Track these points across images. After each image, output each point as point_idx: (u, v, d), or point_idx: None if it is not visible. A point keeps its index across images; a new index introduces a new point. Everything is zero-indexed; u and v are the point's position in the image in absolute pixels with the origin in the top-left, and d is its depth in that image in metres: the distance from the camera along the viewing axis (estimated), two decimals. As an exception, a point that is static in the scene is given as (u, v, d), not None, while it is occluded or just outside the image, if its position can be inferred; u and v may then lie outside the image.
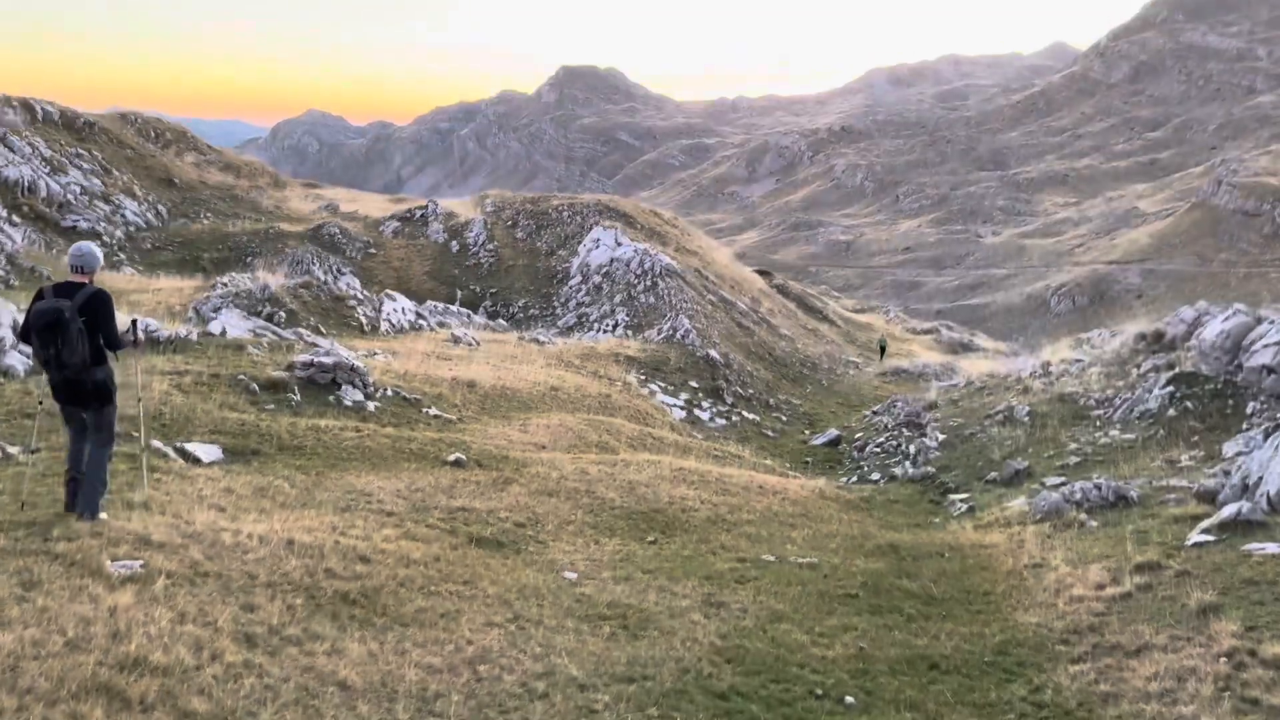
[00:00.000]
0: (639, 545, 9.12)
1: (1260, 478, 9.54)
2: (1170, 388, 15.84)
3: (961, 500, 14.75)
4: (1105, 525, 10.22)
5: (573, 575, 7.82)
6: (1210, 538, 8.40)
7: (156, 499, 7.94)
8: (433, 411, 14.92)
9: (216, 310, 21.71)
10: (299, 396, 13.82)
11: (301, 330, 19.81)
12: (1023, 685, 6.03)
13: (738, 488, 12.35)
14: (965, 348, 61.20)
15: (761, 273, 57.67)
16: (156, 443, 9.82)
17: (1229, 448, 13.08)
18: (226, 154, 60.06)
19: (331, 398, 14.19)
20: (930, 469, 17.23)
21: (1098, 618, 6.99)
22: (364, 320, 24.82)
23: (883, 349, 44.05)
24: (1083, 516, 10.70)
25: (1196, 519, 9.37)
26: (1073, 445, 15.56)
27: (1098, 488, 11.22)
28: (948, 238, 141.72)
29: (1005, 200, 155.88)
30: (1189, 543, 8.47)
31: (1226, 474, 11.92)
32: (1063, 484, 13.77)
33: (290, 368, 14.96)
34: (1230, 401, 14.90)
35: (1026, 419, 17.74)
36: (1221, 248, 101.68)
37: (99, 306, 6.74)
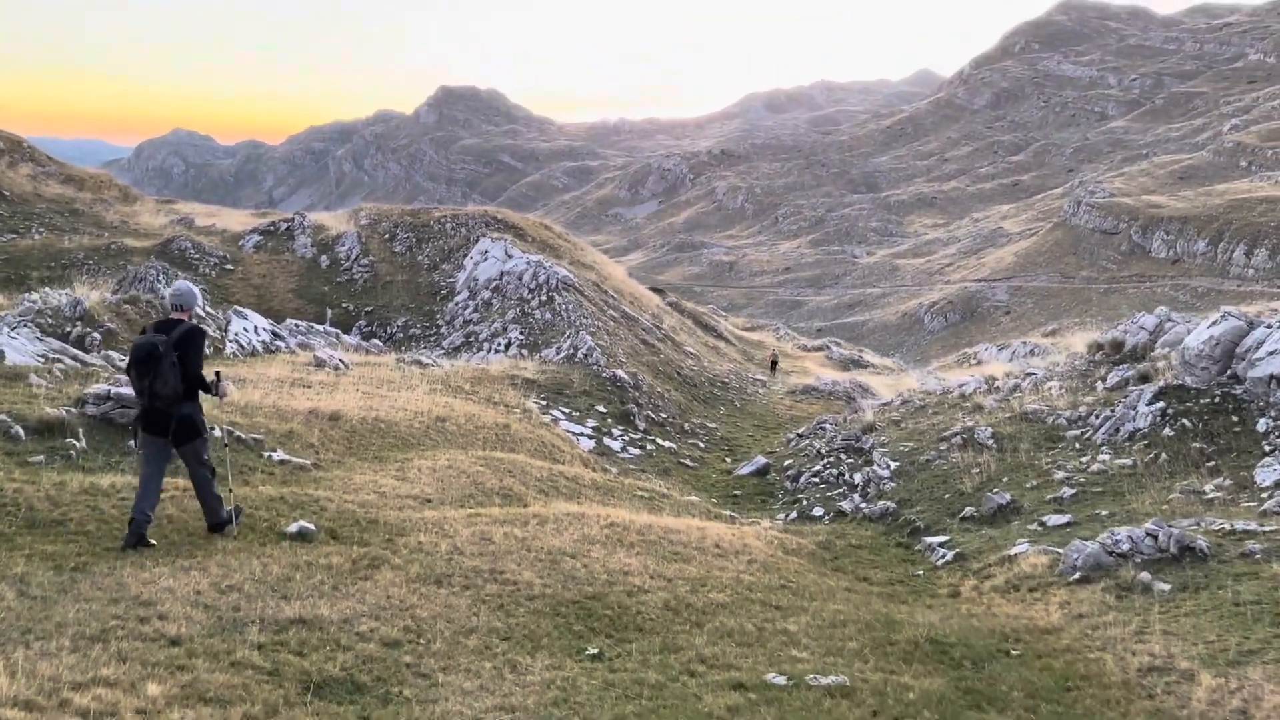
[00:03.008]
0: (578, 666, 5.99)
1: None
2: (1160, 403, 13.82)
3: (942, 545, 12.21)
4: (1185, 590, 7.73)
5: (481, 753, 4.64)
6: (1396, 620, 5.92)
7: None
8: (278, 456, 11.36)
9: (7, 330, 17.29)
10: (84, 443, 10.07)
11: (114, 354, 15.75)
12: None
13: (690, 548, 9.37)
14: (855, 364, 61.11)
15: (654, 290, 55.42)
16: None
17: (1264, 475, 10.99)
18: (69, 166, 53.73)
19: (134, 443, 10.47)
20: (888, 504, 14.70)
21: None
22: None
23: (774, 364, 42.92)
24: (1144, 576, 8.21)
25: (1326, 582, 6.96)
26: (1059, 474, 13.29)
27: (1152, 536, 8.78)
28: (825, 258, 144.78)
29: (878, 222, 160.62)
30: (1364, 627, 5.98)
31: (1284, 509, 9.74)
32: (1068, 524, 11.42)
33: (80, 403, 11.15)
34: (1234, 418, 12.94)
35: (991, 442, 15.48)
36: (1083, 265, 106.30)
37: (189, 340, 7.26)
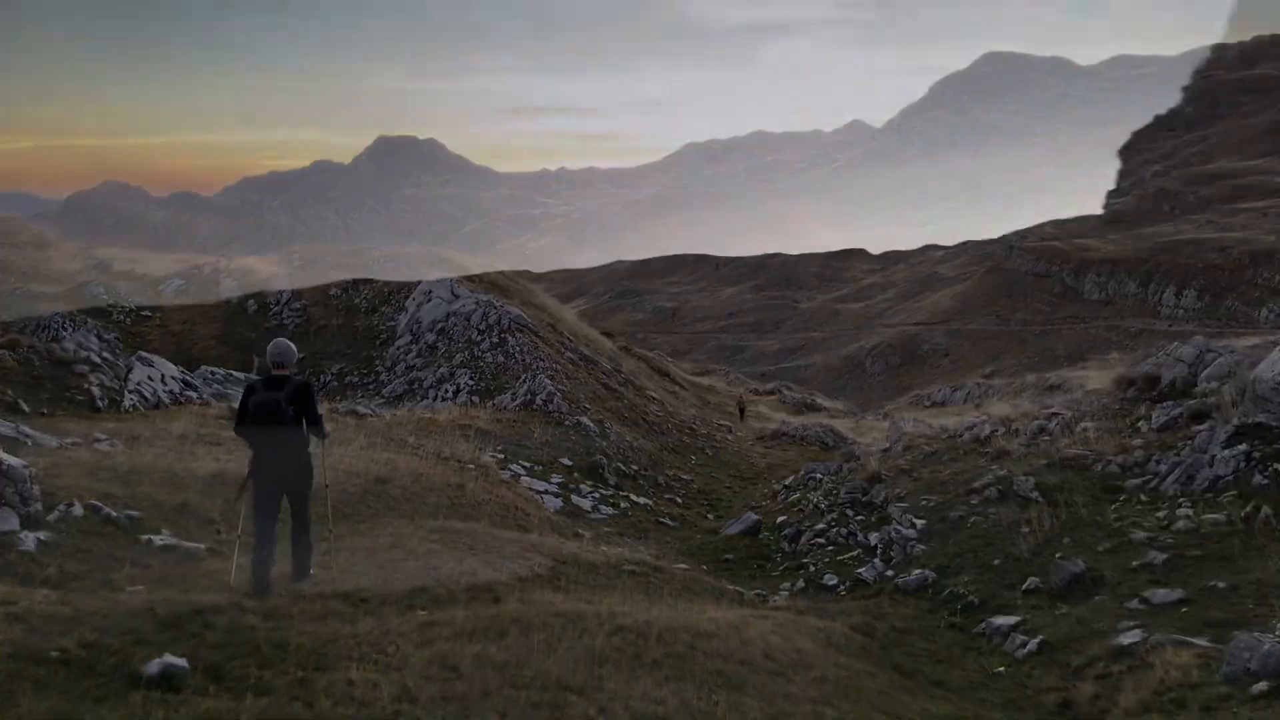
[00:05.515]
0: None
1: None
2: (1241, 446, 11.74)
3: (1015, 629, 9.81)
4: None
5: None
6: None
7: None
8: (160, 539, 8.48)
9: None
10: None
11: (-35, 409, 12.64)
12: None
13: (733, 662, 6.78)
14: (809, 407, 59.86)
15: (605, 334, 53.15)
16: None
17: None
18: (-24, 212, 50.29)
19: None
20: (925, 572, 12.29)
21: None
22: (98, 393, 17.54)
23: (741, 410, 41.55)
24: (1380, 690, 5.90)
25: None
26: (1138, 533, 11.04)
27: (1366, 628, 6.49)
28: (767, 303, 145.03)
29: (817, 267, 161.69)
30: None
31: None
32: (1181, 601, 9.13)
33: (-117, 474, 8.16)
34: (1340, 461, 10.90)
35: (1036, 494, 13.23)
36: (1018, 308, 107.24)
37: (306, 395, 7.62)
